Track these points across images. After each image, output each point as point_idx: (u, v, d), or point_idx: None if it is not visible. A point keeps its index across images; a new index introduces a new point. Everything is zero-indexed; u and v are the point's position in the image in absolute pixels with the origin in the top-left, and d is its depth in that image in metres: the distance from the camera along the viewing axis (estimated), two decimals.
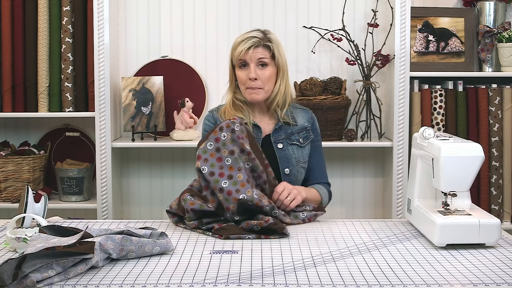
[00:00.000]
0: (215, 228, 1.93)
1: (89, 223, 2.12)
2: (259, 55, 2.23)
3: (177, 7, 3.23)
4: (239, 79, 2.27)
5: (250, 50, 2.22)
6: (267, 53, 2.24)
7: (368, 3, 3.18)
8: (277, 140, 2.28)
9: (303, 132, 2.32)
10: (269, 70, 2.24)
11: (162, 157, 3.29)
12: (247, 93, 2.26)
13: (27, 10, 3.04)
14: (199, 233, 1.96)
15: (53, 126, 3.27)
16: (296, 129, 2.31)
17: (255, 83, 2.23)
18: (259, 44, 2.23)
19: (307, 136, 2.33)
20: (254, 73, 2.22)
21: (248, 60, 2.23)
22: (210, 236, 1.92)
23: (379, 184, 3.28)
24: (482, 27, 3.11)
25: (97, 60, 2.97)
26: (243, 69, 2.25)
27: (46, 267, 1.49)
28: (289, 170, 2.27)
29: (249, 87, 2.24)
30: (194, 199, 2.00)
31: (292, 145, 2.29)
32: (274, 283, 1.49)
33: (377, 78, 3.15)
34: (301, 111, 2.37)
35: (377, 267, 1.62)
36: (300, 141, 2.31)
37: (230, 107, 2.30)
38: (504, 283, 1.50)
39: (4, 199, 3.08)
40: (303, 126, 2.33)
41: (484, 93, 3.06)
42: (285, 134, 2.29)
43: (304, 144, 2.31)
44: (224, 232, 1.91)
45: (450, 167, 1.81)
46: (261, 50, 2.23)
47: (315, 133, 2.37)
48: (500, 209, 3.07)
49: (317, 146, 2.36)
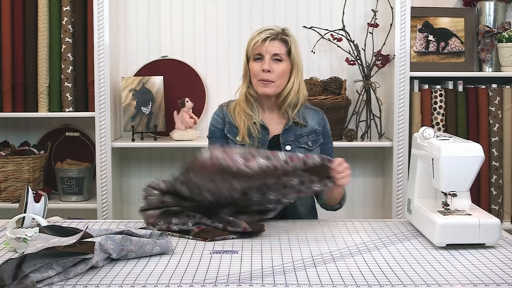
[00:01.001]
0: (195, 232, 1.91)
1: (89, 223, 2.12)
2: (275, 49, 2.19)
3: (177, 7, 3.23)
4: (252, 71, 2.23)
5: (266, 41, 2.18)
6: (283, 48, 2.21)
7: (368, 3, 3.18)
8: (286, 142, 2.24)
9: (312, 135, 2.27)
10: (283, 65, 2.21)
11: (162, 157, 3.29)
12: (258, 85, 2.21)
13: (27, 10, 3.04)
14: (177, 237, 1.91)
15: (53, 126, 3.27)
16: (305, 131, 2.26)
17: (268, 75, 2.18)
18: (275, 37, 2.20)
19: (316, 139, 2.28)
20: (267, 65, 2.18)
21: (264, 52, 2.19)
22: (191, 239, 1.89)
23: (379, 184, 3.28)
24: (482, 27, 3.11)
25: (97, 60, 2.97)
26: (258, 61, 2.21)
27: (46, 267, 1.49)
28: None
29: (261, 79, 2.19)
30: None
31: (300, 148, 2.23)
32: (274, 283, 1.49)
33: (377, 78, 3.15)
34: (312, 112, 2.32)
35: (377, 267, 1.62)
36: (309, 144, 2.26)
37: (243, 101, 2.24)
38: (504, 283, 1.50)
39: (4, 199, 3.08)
40: (313, 129, 2.28)
41: (484, 93, 3.06)
42: (294, 136, 2.25)
43: (312, 147, 2.26)
44: (208, 234, 1.89)
45: (450, 167, 1.81)
46: (278, 44, 2.20)
47: (327, 135, 2.31)
48: (500, 209, 3.07)
49: (329, 148, 2.32)
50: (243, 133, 2.21)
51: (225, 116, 2.27)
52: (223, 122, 2.27)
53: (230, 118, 2.25)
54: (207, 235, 1.89)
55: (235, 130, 2.23)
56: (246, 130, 2.21)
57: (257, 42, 2.19)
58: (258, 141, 2.22)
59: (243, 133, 2.21)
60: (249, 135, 2.21)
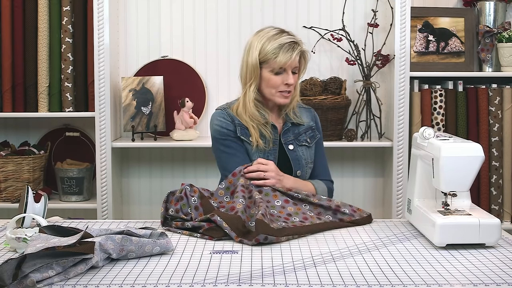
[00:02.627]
0: (204, 228, 1.91)
1: (89, 223, 2.12)
2: (296, 63, 2.22)
3: (177, 7, 3.23)
4: (270, 83, 2.21)
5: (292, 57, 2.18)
6: (301, 60, 2.24)
7: (368, 3, 3.18)
8: (287, 142, 2.27)
9: (309, 131, 2.32)
10: (297, 76, 2.25)
11: (162, 157, 3.29)
12: (278, 96, 2.23)
13: (27, 10, 3.04)
14: (186, 234, 1.93)
15: (53, 126, 3.27)
16: (302, 129, 2.31)
17: (289, 87, 2.22)
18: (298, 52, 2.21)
19: (313, 135, 2.33)
20: (292, 79, 2.21)
21: (288, 67, 2.20)
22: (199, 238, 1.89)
23: (379, 184, 3.28)
24: (482, 27, 3.11)
25: (97, 60, 2.97)
26: (278, 74, 2.21)
27: (46, 267, 1.49)
28: (300, 172, 2.26)
29: (283, 91, 2.22)
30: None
31: (301, 146, 2.28)
32: (274, 283, 1.49)
33: (377, 78, 3.15)
34: (304, 110, 2.36)
35: (377, 267, 1.62)
36: (308, 141, 2.30)
37: (253, 107, 2.22)
38: (504, 283, 1.50)
39: (4, 199, 3.08)
40: (308, 126, 2.33)
41: (484, 93, 3.06)
42: (293, 135, 2.29)
43: (311, 144, 2.31)
44: (214, 233, 1.89)
45: (450, 167, 1.81)
46: (297, 57, 2.22)
47: (319, 132, 2.36)
48: (500, 209, 3.07)
49: (319, 144, 2.36)
50: (256, 136, 2.22)
51: (234, 119, 2.25)
52: (233, 124, 2.25)
53: (240, 120, 2.25)
54: (214, 234, 1.88)
55: (247, 131, 2.24)
56: (258, 133, 2.23)
57: (287, 60, 2.17)
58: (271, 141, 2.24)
59: (256, 136, 2.22)
60: (261, 136, 2.23)
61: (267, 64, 2.20)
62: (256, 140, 2.21)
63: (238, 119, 2.24)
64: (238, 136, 2.23)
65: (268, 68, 2.20)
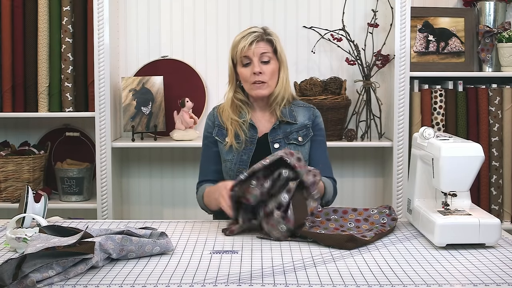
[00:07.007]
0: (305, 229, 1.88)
1: (89, 223, 2.12)
2: (261, 50, 2.22)
3: (177, 7, 3.23)
4: (242, 77, 2.25)
5: (252, 44, 2.21)
6: (269, 48, 2.23)
7: (368, 3, 3.18)
8: (274, 140, 2.26)
9: (302, 130, 2.29)
10: (272, 65, 2.23)
11: (162, 157, 3.29)
12: (252, 88, 2.24)
13: (27, 10, 3.04)
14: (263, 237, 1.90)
15: (53, 126, 3.27)
16: (295, 128, 2.28)
17: (260, 77, 2.21)
18: (261, 39, 2.23)
19: (306, 134, 2.29)
20: (258, 67, 2.20)
21: (251, 55, 2.21)
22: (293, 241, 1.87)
23: (379, 184, 3.28)
24: (482, 27, 3.11)
25: (97, 60, 2.97)
26: (247, 66, 2.23)
27: (46, 267, 1.49)
28: None
29: (254, 81, 2.22)
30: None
31: (290, 144, 2.25)
32: (274, 283, 1.49)
33: (377, 78, 3.15)
34: (303, 109, 2.33)
35: (377, 267, 1.62)
36: (298, 139, 2.27)
37: (229, 107, 2.29)
38: (504, 283, 1.50)
39: (4, 199, 3.08)
40: (303, 124, 2.29)
41: (484, 93, 3.06)
42: (283, 134, 2.27)
43: (303, 142, 2.27)
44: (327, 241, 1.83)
45: (450, 167, 1.81)
46: (263, 45, 2.23)
47: (316, 129, 2.32)
48: (500, 209, 3.07)
49: (319, 141, 2.32)
50: (230, 136, 2.25)
51: (215, 119, 2.31)
52: (213, 125, 2.31)
53: (219, 121, 2.30)
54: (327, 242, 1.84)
55: (224, 132, 2.28)
56: (233, 134, 2.25)
57: (244, 47, 2.21)
58: (246, 140, 2.25)
59: (230, 136, 2.25)
60: (236, 137, 2.25)
61: (236, 60, 2.25)
62: (230, 140, 2.24)
63: (220, 118, 2.29)
64: (214, 137, 2.29)
65: (239, 64, 2.25)
